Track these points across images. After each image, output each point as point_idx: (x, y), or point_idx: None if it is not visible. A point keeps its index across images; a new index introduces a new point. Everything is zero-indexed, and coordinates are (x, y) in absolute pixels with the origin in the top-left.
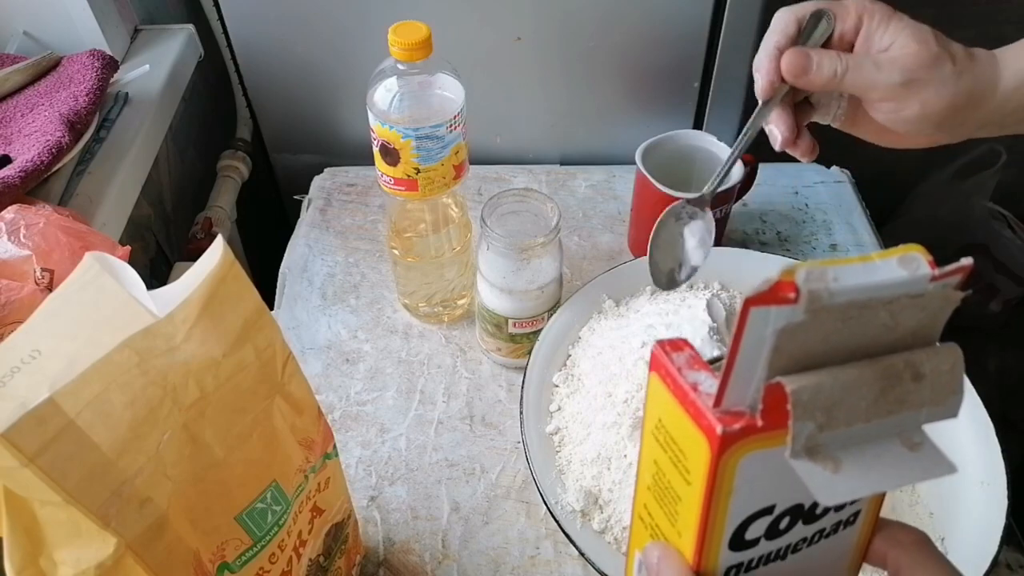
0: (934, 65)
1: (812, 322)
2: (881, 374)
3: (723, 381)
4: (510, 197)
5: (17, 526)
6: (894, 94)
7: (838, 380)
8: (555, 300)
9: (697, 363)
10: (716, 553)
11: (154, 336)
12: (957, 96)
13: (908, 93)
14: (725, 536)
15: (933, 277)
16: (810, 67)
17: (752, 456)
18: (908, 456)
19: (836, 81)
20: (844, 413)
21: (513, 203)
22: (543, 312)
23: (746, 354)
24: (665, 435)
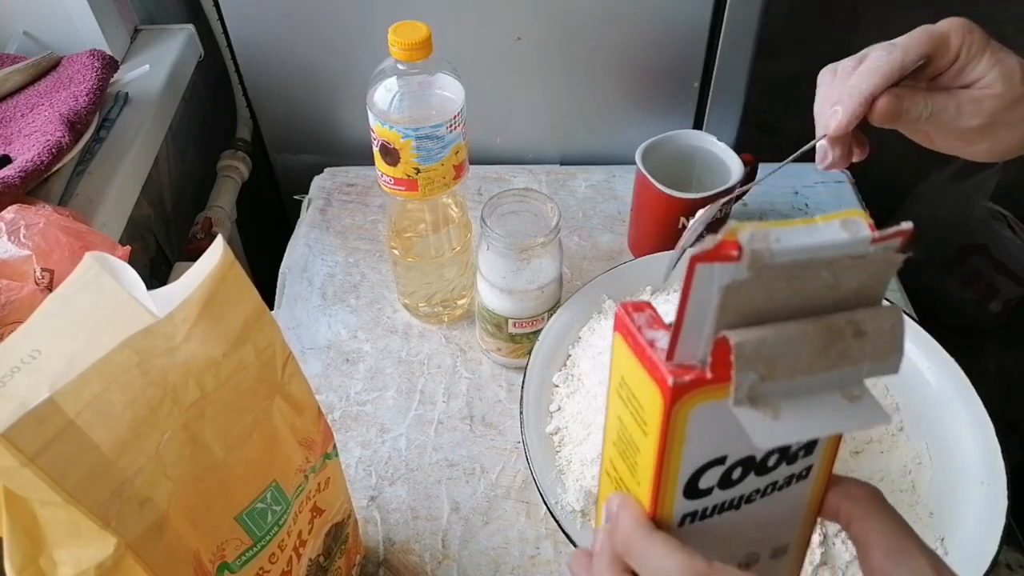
0: (1013, 108)
1: (756, 280)
2: (824, 330)
3: (674, 336)
4: (510, 197)
5: (17, 526)
6: (969, 137)
7: (781, 335)
8: (555, 300)
9: (656, 323)
10: (671, 500)
11: (154, 336)
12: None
13: (982, 136)
14: (679, 484)
15: (874, 239)
16: (899, 112)
17: (703, 407)
18: (847, 407)
19: (919, 123)
20: (786, 365)
21: (513, 203)
22: (543, 312)
23: (694, 310)
24: (627, 391)
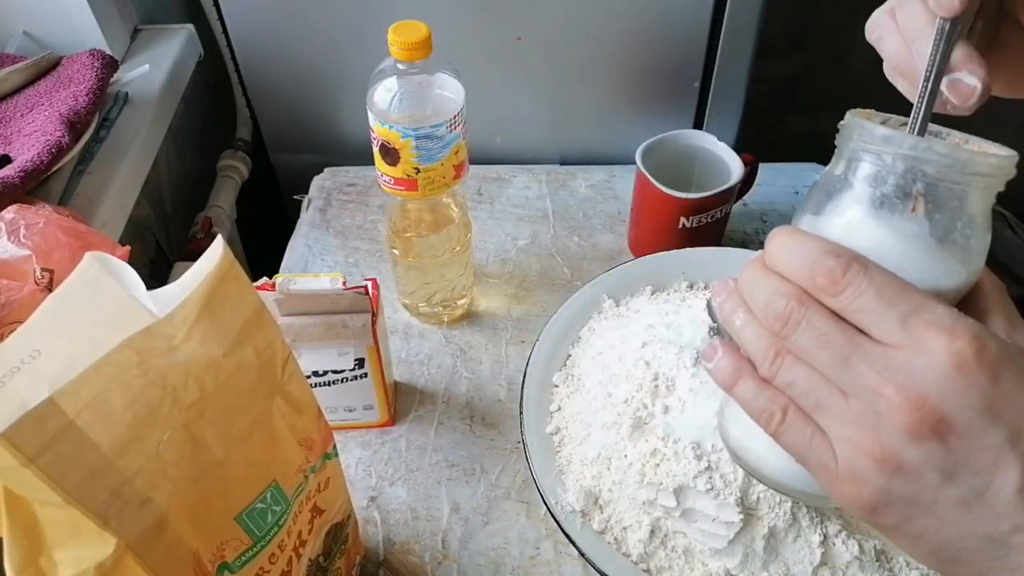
0: None
1: (288, 299)
2: (326, 322)
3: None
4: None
5: (17, 526)
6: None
7: (304, 322)
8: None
9: None
10: None
11: (154, 336)
12: None
13: None
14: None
15: (344, 288)
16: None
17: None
18: (336, 358)
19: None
20: (305, 336)
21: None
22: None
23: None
24: None
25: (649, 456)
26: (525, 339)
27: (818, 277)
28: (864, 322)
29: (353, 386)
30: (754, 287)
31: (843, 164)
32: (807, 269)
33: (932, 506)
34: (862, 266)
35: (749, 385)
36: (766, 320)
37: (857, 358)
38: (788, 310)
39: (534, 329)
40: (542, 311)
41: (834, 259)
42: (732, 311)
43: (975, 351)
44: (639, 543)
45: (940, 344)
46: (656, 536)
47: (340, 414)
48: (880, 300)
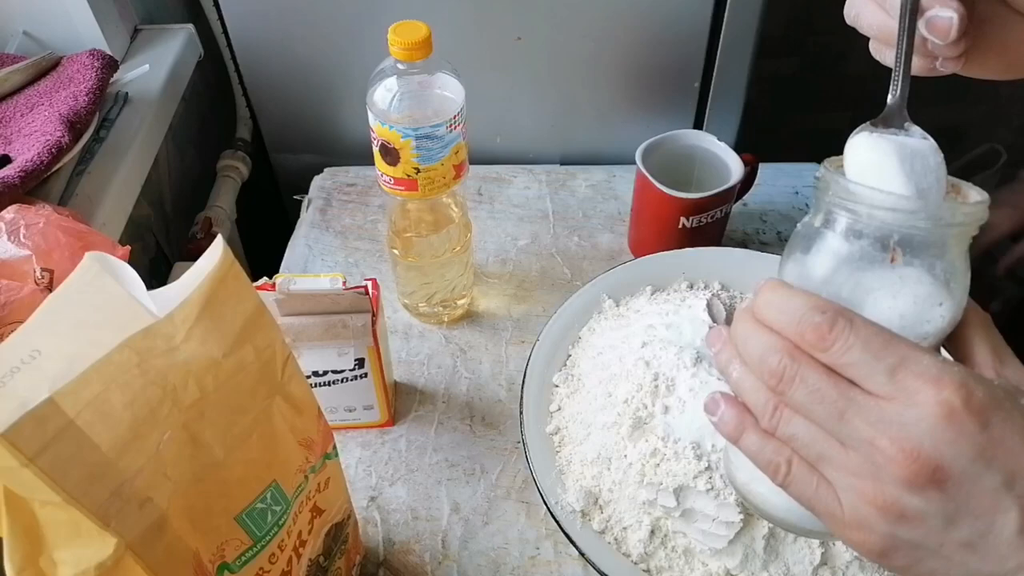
0: None
1: (288, 299)
2: (326, 322)
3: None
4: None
5: (17, 526)
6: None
7: (304, 322)
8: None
9: None
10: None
11: (154, 336)
12: None
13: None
14: None
15: (344, 288)
16: None
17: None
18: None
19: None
20: (305, 336)
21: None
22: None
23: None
24: None
25: (649, 456)
26: (525, 339)
27: (806, 333)
28: (854, 375)
29: (353, 386)
30: (747, 340)
31: (821, 217)
32: (795, 325)
33: (939, 549)
34: (847, 320)
35: (753, 439)
36: (761, 375)
37: (851, 412)
38: (781, 366)
39: (534, 329)
40: (542, 311)
41: (820, 315)
42: (728, 362)
43: (963, 400)
44: (639, 543)
45: (928, 395)
46: (656, 536)
47: (340, 414)
48: (867, 353)
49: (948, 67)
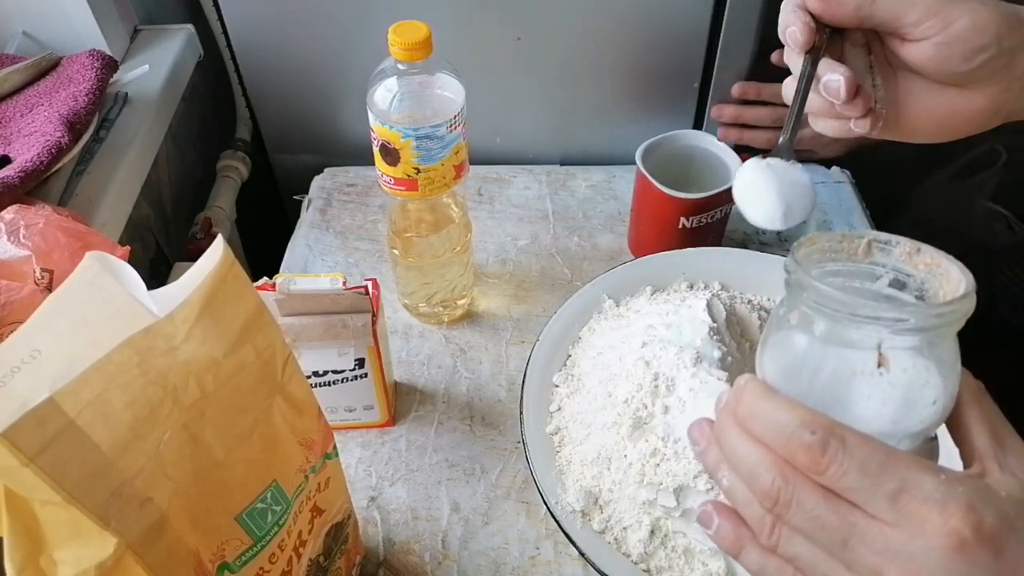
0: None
1: (288, 299)
2: (326, 322)
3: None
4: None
5: (17, 526)
6: (935, 7)
7: (304, 322)
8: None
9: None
10: None
11: (154, 336)
12: (1005, 12)
13: (951, 4)
14: None
15: (344, 288)
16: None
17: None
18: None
19: (868, 4)
20: (306, 336)
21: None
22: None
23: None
24: None
25: (649, 456)
26: (525, 339)
27: (797, 455)
28: (853, 499)
29: (353, 386)
30: (735, 450)
31: (796, 315)
32: (784, 443)
33: None
34: (839, 441)
35: (753, 556)
36: (754, 491)
37: (855, 540)
38: (775, 488)
39: (534, 329)
40: (542, 311)
41: (810, 435)
42: (716, 466)
43: (972, 528)
44: (639, 543)
45: (935, 523)
46: (656, 536)
47: (340, 414)
48: (865, 478)
49: (861, 127)
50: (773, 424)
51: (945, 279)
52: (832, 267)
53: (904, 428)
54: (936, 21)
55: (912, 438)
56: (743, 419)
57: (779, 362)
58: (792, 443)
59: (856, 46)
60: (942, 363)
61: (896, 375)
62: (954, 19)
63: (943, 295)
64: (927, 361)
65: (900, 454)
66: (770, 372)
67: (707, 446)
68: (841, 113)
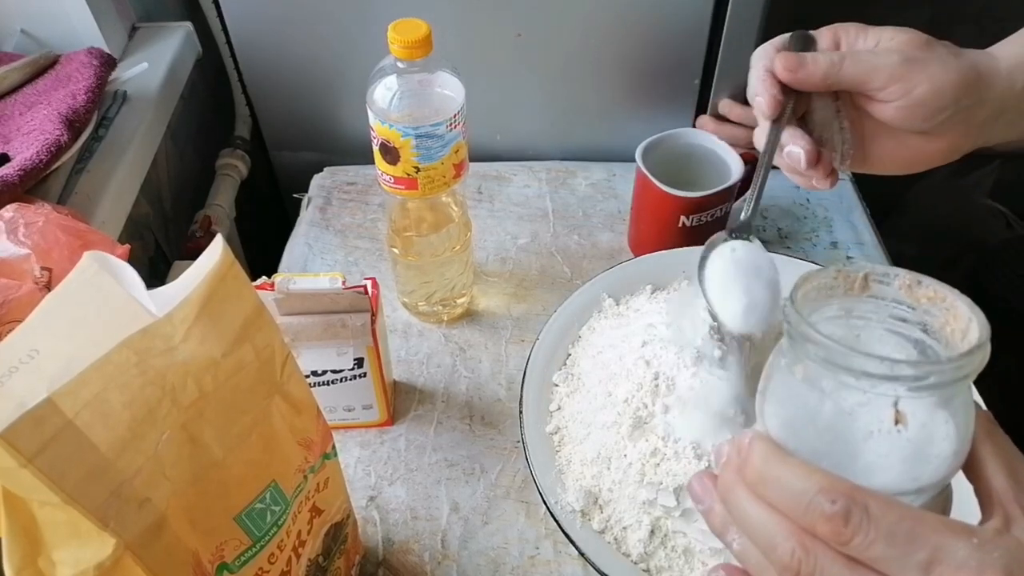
0: (929, 47)
1: (287, 298)
2: (325, 321)
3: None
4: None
5: (16, 526)
6: (898, 74)
7: (303, 321)
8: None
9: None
10: None
11: (153, 336)
12: (962, 71)
13: (912, 70)
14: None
15: (344, 287)
16: (805, 61)
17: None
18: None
19: (835, 71)
20: (305, 336)
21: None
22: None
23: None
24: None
25: (649, 455)
26: (525, 338)
27: (818, 525)
28: (882, 569)
29: (352, 385)
30: (746, 514)
31: (802, 370)
32: (802, 512)
33: None
34: (862, 509)
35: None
36: (771, 561)
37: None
38: (796, 560)
39: (534, 328)
40: (542, 310)
41: (830, 504)
42: (723, 527)
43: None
44: (639, 543)
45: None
46: (656, 536)
47: (339, 414)
48: (894, 548)
49: (821, 185)
50: (788, 491)
51: (952, 315)
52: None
53: (923, 483)
54: (899, 87)
55: (931, 490)
56: (753, 483)
57: (783, 415)
58: (811, 512)
59: (823, 96)
60: (958, 412)
61: (914, 431)
62: (915, 85)
63: (950, 331)
64: (945, 412)
65: (928, 518)
66: (773, 425)
67: (711, 504)
68: (802, 173)
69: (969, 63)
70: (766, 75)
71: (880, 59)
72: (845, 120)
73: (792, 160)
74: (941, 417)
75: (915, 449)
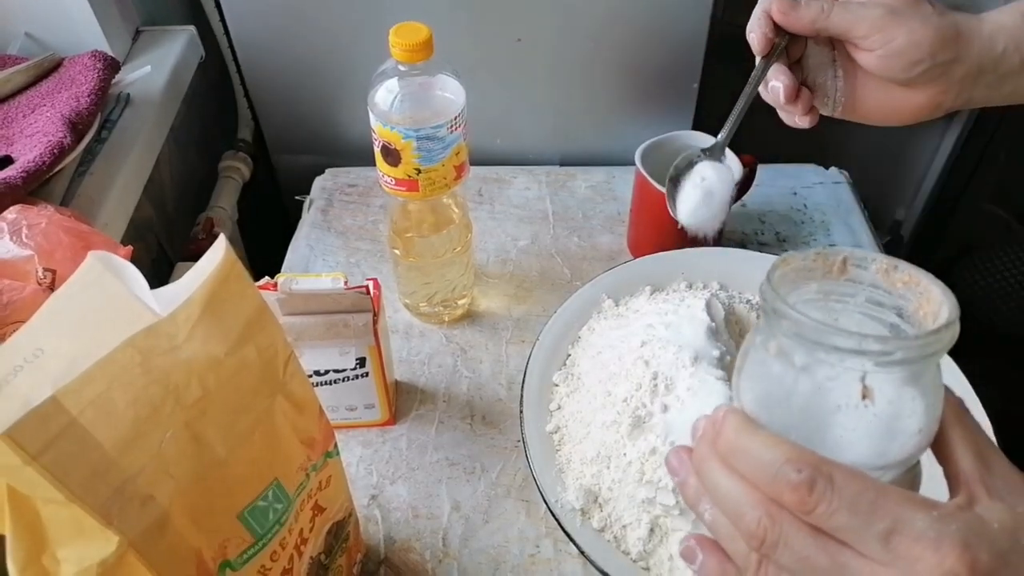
0: (916, 4)
1: (290, 298)
2: (328, 321)
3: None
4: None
5: (20, 524)
6: (880, 24)
7: (306, 321)
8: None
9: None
10: None
11: (156, 335)
12: (942, 28)
13: (894, 22)
14: None
15: (346, 288)
16: (797, 6)
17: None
18: (337, 357)
19: (823, 18)
20: (307, 335)
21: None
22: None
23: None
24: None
25: (648, 454)
26: (525, 339)
27: (784, 494)
28: (844, 538)
29: (354, 385)
30: (717, 485)
31: (775, 346)
32: (769, 482)
33: None
34: (827, 479)
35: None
36: (739, 529)
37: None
38: (761, 528)
39: (534, 329)
40: (542, 311)
41: (796, 473)
42: (696, 498)
43: (968, 567)
44: (638, 541)
45: (929, 564)
46: (655, 534)
47: (341, 413)
48: (855, 517)
49: (802, 123)
50: (757, 461)
51: (925, 299)
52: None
53: (889, 458)
54: (879, 37)
55: (897, 467)
56: (725, 454)
57: (757, 392)
58: (778, 482)
59: (821, 43)
60: (926, 391)
61: (881, 406)
62: (894, 36)
63: (923, 315)
64: (912, 390)
65: (890, 491)
66: (748, 400)
67: (686, 476)
68: (784, 109)
69: (950, 21)
70: (763, 14)
71: (865, 11)
72: (840, 68)
73: (773, 93)
74: (908, 395)
75: (881, 424)
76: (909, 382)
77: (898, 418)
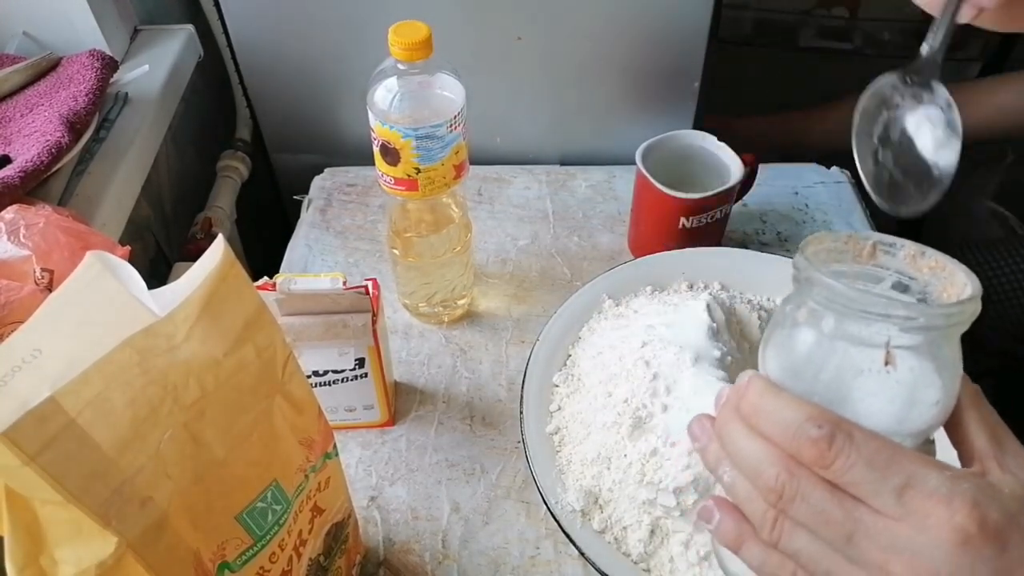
0: None
1: (289, 298)
2: (326, 322)
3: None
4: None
5: (18, 525)
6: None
7: (304, 321)
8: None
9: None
10: None
11: (155, 335)
12: None
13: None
14: None
15: (345, 288)
16: None
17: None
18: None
19: None
20: (306, 336)
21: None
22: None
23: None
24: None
25: (649, 456)
26: (525, 339)
27: (804, 449)
28: (859, 493)
29: (353, 386)
30: (738, 446)
31: (804, 312)
32: (790, 438)
33: None
34: (846, 435)
35: (755, 551)
36: (757, 486)
37: (860, 535)
38: (780, 483)
39: (534, 329)
40: (542, 311)
41: (816, 429)
42: (717, 462)
43: (978, 523)
44: (639, 542)
45: (941, 518)
46: (656, 535)
47: (340, 414)
48: (872, 472)
49: (986, 22)
50: (778, 419)
51: (949, 282)
52: (837, 268)
53: (907, 427)
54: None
55: (913, 437)
56: (747, 415)
57: (783, 359)
58: (798, 438)
59: None
60: (945, 365)
61: (903, 374)
62: None
63: (947, 298)
64: (932, 363)
65: (906, 450)
66: (773, 369)
67: (707, 442)
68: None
69: None
70: None
71: None
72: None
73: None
74: (929, 367)
75: (902, 391)
76: (930, 355)
77: (917, 387)
